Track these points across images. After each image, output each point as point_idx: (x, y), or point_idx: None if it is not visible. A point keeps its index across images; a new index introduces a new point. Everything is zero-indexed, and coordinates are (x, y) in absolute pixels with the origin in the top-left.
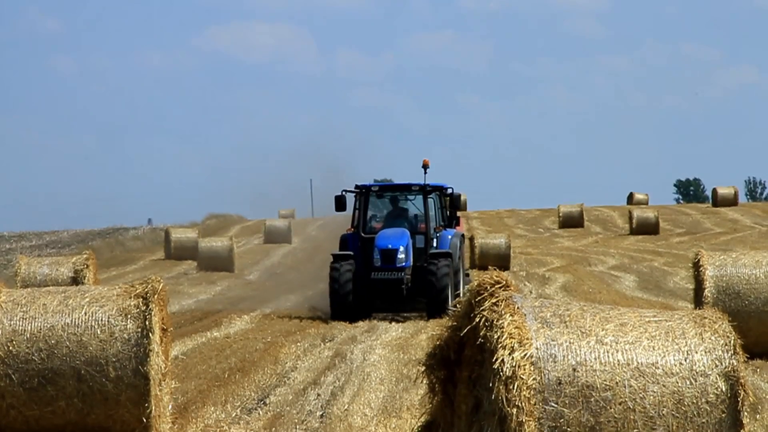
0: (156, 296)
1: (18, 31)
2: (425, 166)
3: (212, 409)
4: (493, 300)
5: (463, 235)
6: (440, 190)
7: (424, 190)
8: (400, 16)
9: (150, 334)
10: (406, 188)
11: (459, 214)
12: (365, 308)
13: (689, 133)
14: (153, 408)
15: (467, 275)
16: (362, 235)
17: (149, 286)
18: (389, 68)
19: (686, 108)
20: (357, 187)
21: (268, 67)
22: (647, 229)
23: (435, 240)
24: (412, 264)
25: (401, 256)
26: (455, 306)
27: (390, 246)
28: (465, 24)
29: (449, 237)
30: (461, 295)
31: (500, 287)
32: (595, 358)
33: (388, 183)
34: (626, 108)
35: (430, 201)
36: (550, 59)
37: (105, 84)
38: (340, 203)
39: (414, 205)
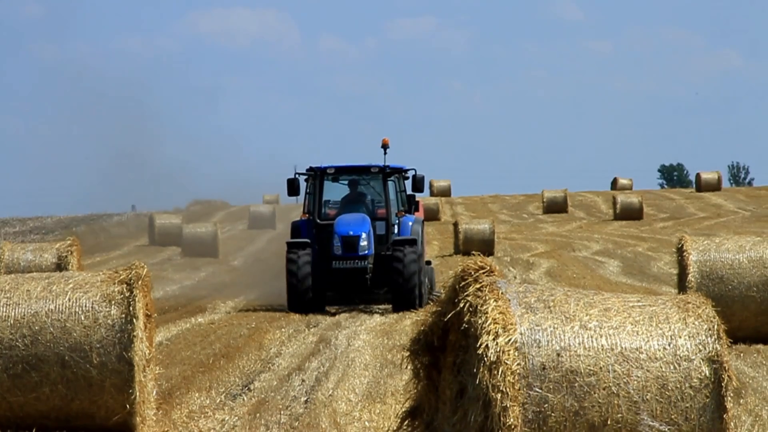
0: (140, 282)
1: None
2: (385, 146)
3: (196, 395)
4: (478, 285)
5: (423, 221)
6: (400, 172)
7: (384, 172)
8: (382, 2)
9: (134, 320)
10: (365, 170)
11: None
12: (323, 300)
13: (673, 118)
14: (137, 394)
15: (429, 263)
16: (318, 221)
17: (133, 272)
18: (372, 54)
19: (670, 93)
20: (310, 169)
21: (250, 52)
22: (631, 214)
23: (395, 226)
24: (374, 252)
25: (363, 243)
26: (439, 291)
27: (351, 233)
28: (447, 9)
29: (410, 223)
30: (425, 285)
31: (484, 273)
32: (579, 343)
33: (344, 165)
34: (609, 93)
35: (391, 184)
36: (533, 44)
37: (86, 69)
38: (292, 187)
39: (373, 189)
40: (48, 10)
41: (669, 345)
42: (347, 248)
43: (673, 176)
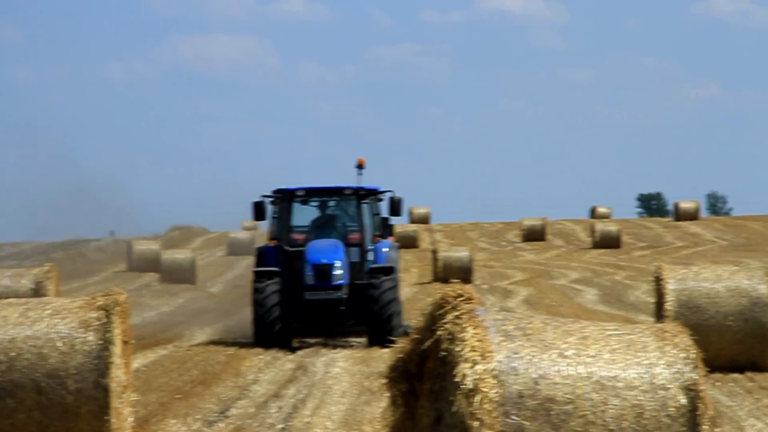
0: (118, 308)
1: None
2: (360, 166)
3: (173, 422)
4: (456, 313)
5: (399, 247)
6: (375, 193)
7: (359, 194)
8: (362, 29)
9: (111, 347)
10: (338, 192)
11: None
12: (292, 333)
13: (652, 147)
14: (113, 421)
15: None
16: (286, 248)
17: (111, 298)
18: (352, 81)
19: (648, 122)
20: (278, 191)
21: (230, 78)
22: (609, 242)
23: (370, 253)
24: (348, 281)
25: (338, 272)
26: (407, 324)
27: (324, 261)
28: (427, 37)
29: (384, 249)
30: (402, 316)
31: (463, 300)
32: (557, 372)
33: (315, 187)
34: (589, 122)
35: (365, 207)
36: (513, 72)
37: (65, 95)
38: (258, 211)
39: (345, 212)
40: (25, 35)
41: (646, 373)
42: (320, 277)
43: (651, 205)
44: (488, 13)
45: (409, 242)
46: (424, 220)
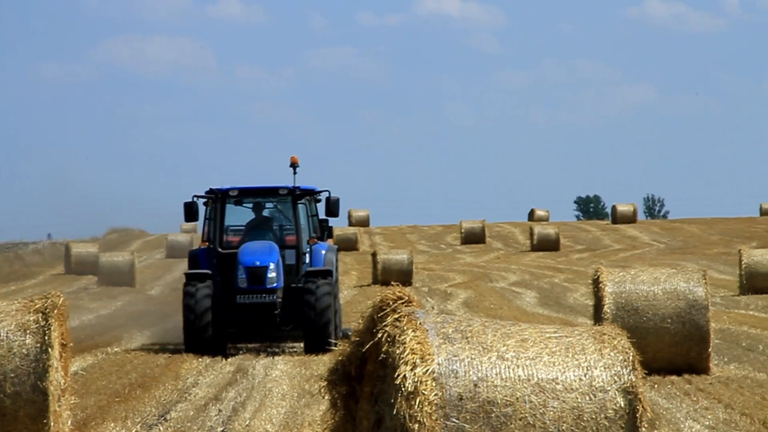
0: (56, 311)
1: None
2: (294, 165)
3: (112, 425)
4: (396, 315)
5: (338, 249)
6: (312, 193)
7: (294, 193)
8: (299, 31)
9: (49, 350)
10: (272, 192)
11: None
12: (225, 338)
13: (589, 151)
14: (52, 424)
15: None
16: (219, 250)
17: (49, 301)
18: (289, 83)
19: (586, 125)
20: (210, 191)
21: (166, 80)
22: (548, 245)
23: (307, 255)
24: (283, 284)
25: (272, 275)
26: (348, 329)
27: (258, 263)
28: (364, 39)
29: (323, 252)
30: (341, 323)
31: (402, 303)
32: (496, 374)
33: (249, 187)
34: (526, 125)
35: (301, 207)
36: (450, 75)
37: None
38: (190, 211)
39: (281, 213)
40: None
41: (585, 376)
42: (253, 280)
43: (589, 208)
44: (425, 16)
45: (348, 245)
46: (363, 222)
